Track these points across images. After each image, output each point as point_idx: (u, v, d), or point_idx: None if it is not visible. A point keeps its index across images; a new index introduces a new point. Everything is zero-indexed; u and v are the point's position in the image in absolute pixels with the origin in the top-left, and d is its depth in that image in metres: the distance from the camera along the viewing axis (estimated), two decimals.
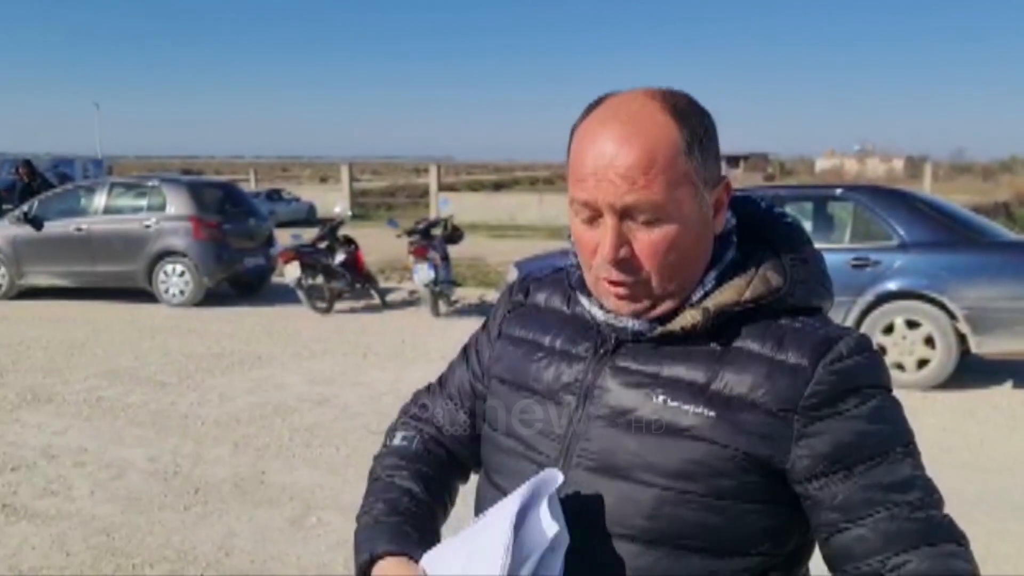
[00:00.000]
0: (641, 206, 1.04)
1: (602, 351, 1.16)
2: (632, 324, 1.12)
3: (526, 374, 1.22)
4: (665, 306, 1.11)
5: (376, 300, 11.25)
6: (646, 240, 1.06)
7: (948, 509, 1.05)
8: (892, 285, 6.85)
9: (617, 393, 1.12)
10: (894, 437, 1.05)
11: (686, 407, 1.06)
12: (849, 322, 6.93)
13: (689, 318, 1.09)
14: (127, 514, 4.39)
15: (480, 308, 10.80)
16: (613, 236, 1.06)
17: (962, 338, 6.66)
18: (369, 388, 6.85)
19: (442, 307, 10.36)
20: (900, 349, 6.83)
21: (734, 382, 1.06)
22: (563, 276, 1.27)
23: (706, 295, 1.11)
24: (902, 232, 6.93)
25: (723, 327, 1.09)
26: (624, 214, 1.05)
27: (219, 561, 3.90)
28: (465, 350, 1.39)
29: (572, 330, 1.21)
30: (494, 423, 1.25)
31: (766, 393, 1.04)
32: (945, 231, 6.95)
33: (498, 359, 1.29)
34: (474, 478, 1.35)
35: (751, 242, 1.16)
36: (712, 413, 1.05)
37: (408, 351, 8.36)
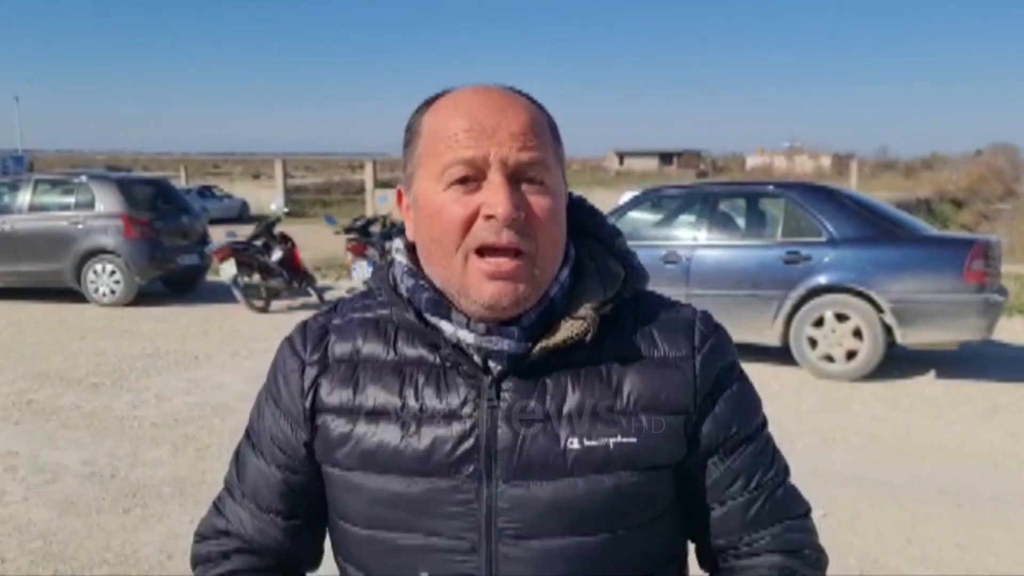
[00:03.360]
0: (535, 165, 0.97)
1: (488, 402, 1.00)
2: (508, 345, 0.99)
3: (395, 452, 1.00)
4: (535, 299, 1.00)
5: (314, 298, 11.14)
6: (538, 203, 0.97)
7: (878, 495, 1.15)
8: (822, 279, 7.07)
9: (526, 448, 0.99)
10: (752, 411, 1.09)
11: (604, 440, 0.99)
12: (782, 315, 7.14)
13: (572, 329, 0.99)
14: (64, 518, 4.30)
15: None
16: (508, 192, 0.95)
17: (888, 330, 6.90)
18: None
19: None
20: (830, 341, 7.05)
21: (635, 395, 1.01)
22: (369, 318, 1.09)
23: (564, 295, 1.04)
24: (831, 228, 7.14)
25: (594, 337, 1.02)
26: (513, 175, 0.96)
27: (161, 564, 3.85)
28: (251, 438, 1.14)
29: (427, 381, 1.02)
30: (364, 521, 1.04)
31: (667, 396, 1.02)
32: (871, 227, 7.19)
33: (334, 442, 1.04)
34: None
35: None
36: (632, 439, 0.99)
37: None
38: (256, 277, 10.55)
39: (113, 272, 10.91)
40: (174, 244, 11.38)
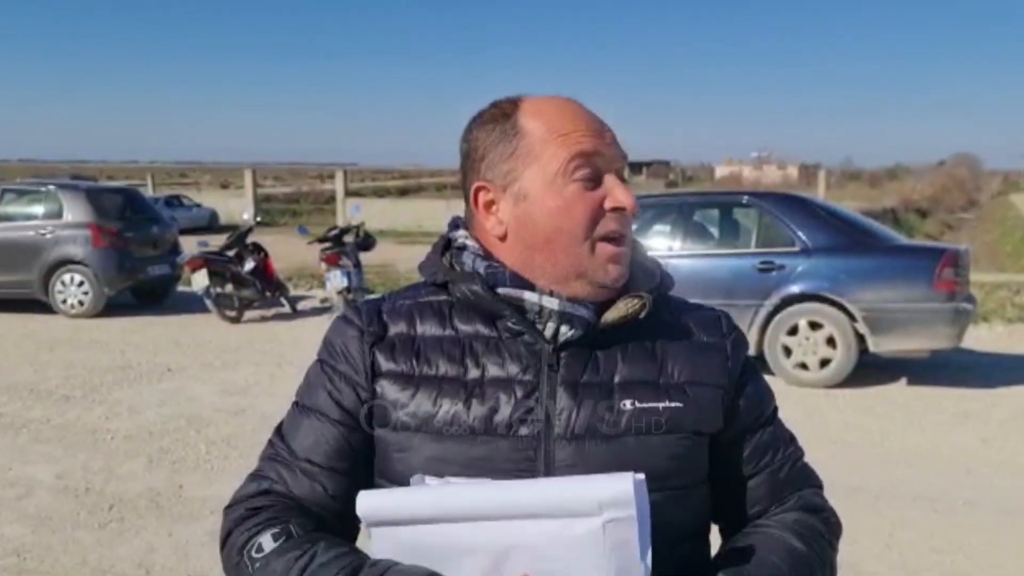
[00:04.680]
0: (625, 165, 1.14)
1: (548, 368, 1.09)
2: (586, 312, 1.09)
3: (456, 416, 1.06)
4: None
5: (286, 308, 11.06)
6: (633, 199, 1.12)
7: (855, 501, 1.25)
8: (796, 288, 7.14)
9: (584, 409, 1.07)
10: (770, 395, 1.24)
11: (655, 404, 1.08)
12: (756, 323, 7.20)
13: (630, 306, 1.10)
14: (38, 534, 4.22)
15: None
16: (626, 186, 1.11)
17: (861, 338, 6.99)
18: (287, 398, 6.42)
19: None
20: (804, 349, 7.13)
21: (678, 370, 1.12)
22: (421, 302, 1.15)
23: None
24: (804, 237, 7.23)
25: (640, 322, 1.12)
26: (619, 172, 1.11)
27: None
28: (301, 405, 1.17)
29: (486, 351, 1.10)
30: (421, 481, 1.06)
31: (706, 373, 1.13)
32: (844, 236, 7.29)
33: (393, 404, 1.09)
34: None
35: None
36: (679, 404, 1.09)
37: None
38: (229, 287, 10.44)
39: (81, 283, 10.75)
40: (144, 254, 11.24)
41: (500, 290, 1.09)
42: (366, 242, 10.89)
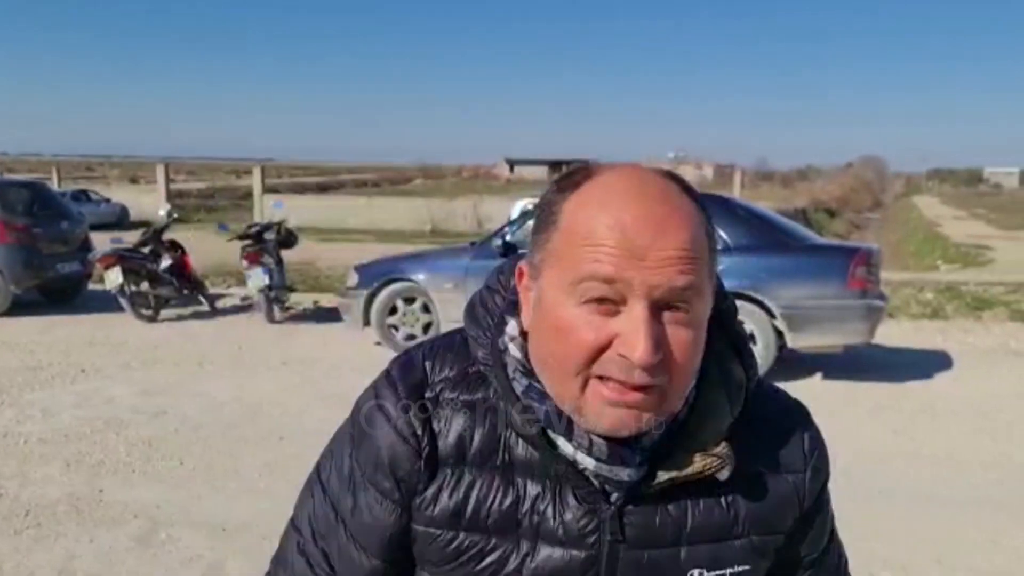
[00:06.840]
0: (686, 291, 0.85)
1: (611, 534, 0.95)
2: (628, 475, 0.92)
3: (501, 568, 0.96)
4: (658, 424, 0.91)
5: (205, 307, 10.80)
6: (679, 339, 0.86)
7: None
8: None
9: (648, 562, 0.97)
10: (831, 516, 1.13)
11: (723, 571, 0.99)
12: None
13: (705, 466, 0.93)
14: None
15: (316, 314, 10.60)
16: (650, 331, 0.83)
17: (779, 334, 7.21)
18: (209, 398, 6.58)
19: (277, 313, 10.10)
20: None
21: (748, 515, 1.00)
22: (478, 400, 0.97)
23: (689, 410, 0.95)
24: (725, 236, 7.39)
25: None
26: (660, 304, 0.85)
27: None
28: (344, 520, 1.01)
29: (541, 496, 0.95)
30: None
31: (776, 517, 1.02)
32: (763, 235, 7.49)
33: (442, 556, 0.97)
34: None
35: None
36: (747, 567, 1.01)
37: (246, 358, 8.08)
38: (144, 285, 10.13)
39: None
40: (53, 251, 10.79)
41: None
42: (288, 239, 10.70)
